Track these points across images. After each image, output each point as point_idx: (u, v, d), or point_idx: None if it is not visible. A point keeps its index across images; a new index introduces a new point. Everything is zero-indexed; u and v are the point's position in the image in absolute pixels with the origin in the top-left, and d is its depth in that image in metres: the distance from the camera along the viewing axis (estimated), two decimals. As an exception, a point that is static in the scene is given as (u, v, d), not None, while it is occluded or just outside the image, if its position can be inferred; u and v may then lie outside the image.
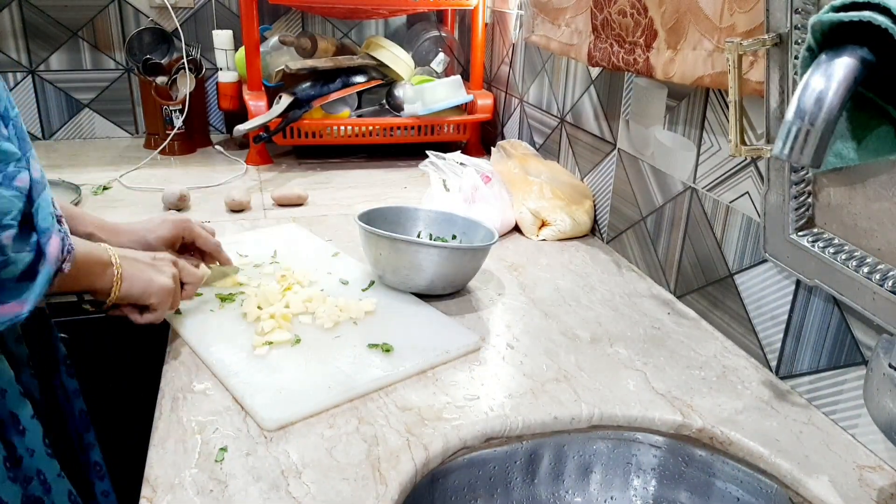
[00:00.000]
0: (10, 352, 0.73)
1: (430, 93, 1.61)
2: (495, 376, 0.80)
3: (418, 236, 1.09)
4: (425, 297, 0.97)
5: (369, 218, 1.04)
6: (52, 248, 0.63)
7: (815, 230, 0.72)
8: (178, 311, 0.88)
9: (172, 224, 0.93)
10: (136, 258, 0.79)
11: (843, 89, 0.44)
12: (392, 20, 1.95)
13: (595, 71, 1.24)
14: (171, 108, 1.67)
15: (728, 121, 0.73)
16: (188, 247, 0.96)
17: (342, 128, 1.61)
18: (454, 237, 1.09)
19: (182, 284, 0.84)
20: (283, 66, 1.57)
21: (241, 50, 1.70)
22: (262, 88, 1.61)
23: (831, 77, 0.44)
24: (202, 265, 0.96)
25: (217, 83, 1.77)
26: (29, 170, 0.63)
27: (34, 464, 0.71)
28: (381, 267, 0.98)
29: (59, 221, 0.66)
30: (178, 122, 1.68)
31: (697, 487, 0.75)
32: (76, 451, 0.85)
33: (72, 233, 0.84)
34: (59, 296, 0.81)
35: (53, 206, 0.66)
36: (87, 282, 0.73)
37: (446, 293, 0.99)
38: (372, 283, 1.00)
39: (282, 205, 1.35)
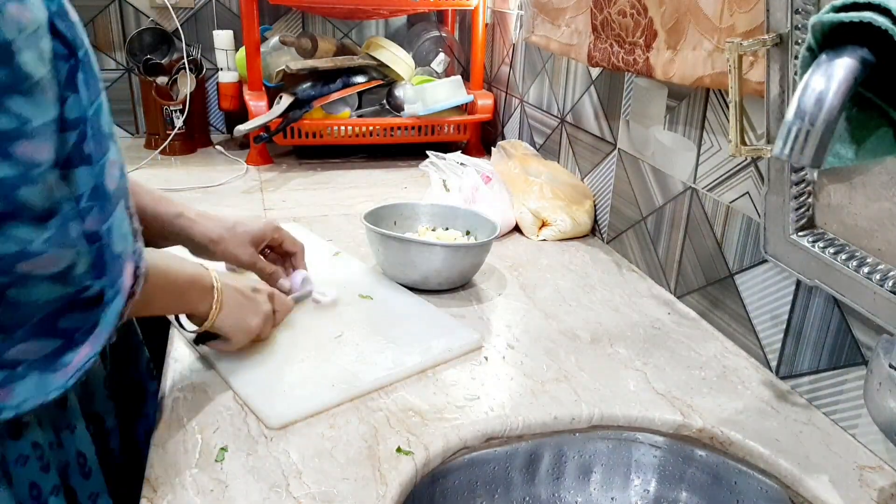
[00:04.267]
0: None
1: (430, 93, 1.61)
2: (495, 376, 0.80)
3: (417, 231, 1.10)
4: (427, 296, 0.97)
5: (377, 216, 1.05)
6: (126, 277, 0.57)
7: (816, 230, 0.72)
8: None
9: (263, 223, 0.90)
10: (238, 288, 0.76)
11: (844, 89, 0.44)
12: (392, 20, 1.95)
13: (595, 71, 1.24)
14: (171, 108, 1.67)
15: (728, 121, 0.73)
16: (271, 248, 0.94)
17: (342, 128, 1.62)
18: (468, 233, 1.09)
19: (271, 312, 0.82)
20: (283, 67, 1.57)
21: (242, 50, 1.70)
22: (263, 89, 1.61)
23: (831, 77, 0.44)
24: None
25: (217, 83, 1.77)
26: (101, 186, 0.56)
27: None
28: (384, 264, 1.00)
29: (135, 236, 0.60)
30: (179, 123, 1.68)
31: (697, 487, 0.75)
32: (143, 450, 0.85)
33: (160, 214, 0.82)
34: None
35: (130, 217, 0.59)
36: (185, 305, 0.72)
37: (453, 287, 1.01)
38: (373, 282, 1.00)
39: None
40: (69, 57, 0.53)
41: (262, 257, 0.91)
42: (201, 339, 0.78)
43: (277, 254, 0.95)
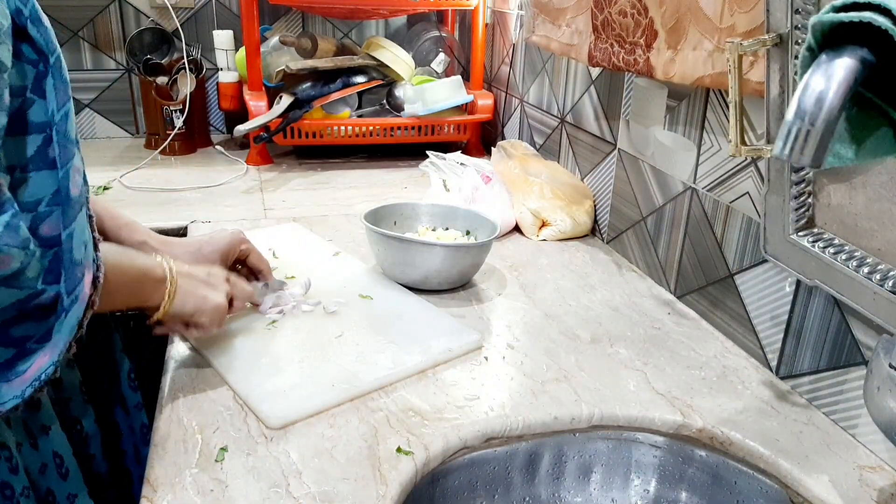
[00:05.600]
0: (57, 380, 0.69)
1: (430, 93, 1.61)
2: (495, 376, 0.80)
3: (415, 230, 1.10)
4: (427, 296, 0.97)
5: (377, 216, 1.05)
6: (86, 285, 0.56)
7: (816, 230, 0.72)
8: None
9: (229, 235, 0.89)
10: (192, 274, 0.75)
11: (844, 89, 0.44)
12: (392, 20, 1.95)
13: (595, 71, 1.24)
14: (171, 108, 1.67)
15: (728, 121, 0.73)
16: (239, 262, 0.92)
17: (342, 128, 1.62)
18: (468, 233, 1.09)
19: (230, 299, 0.80)
20: (283, 67, 1.57)
21: (242, 50, 1.70)
22: (263, 88, 1.61)
23: (831, 77, 0.44)
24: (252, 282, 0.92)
25: (217, 83, 1.77)
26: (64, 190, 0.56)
27: None
28: (384, 264, 1.00)
29: (94, 245, 0.60)
30: (179, 123, 1.68)
31: (697, 487, 0.75)
32: (129, 465, 0.84)
33: (123, 241, 0.80)
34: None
35: (91, 226, 0.60)
36: (140, 299, 0.70)
37: (453, 287, 1.01)
38: (373, 282, 1.00)
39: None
40: (38, 62, 0.54)
41: (233, 274, 0.88)
42: (158, 326, 0.75)
43: (245, 267, 0.92)
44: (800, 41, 0.64)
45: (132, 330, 0.93)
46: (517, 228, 1.27)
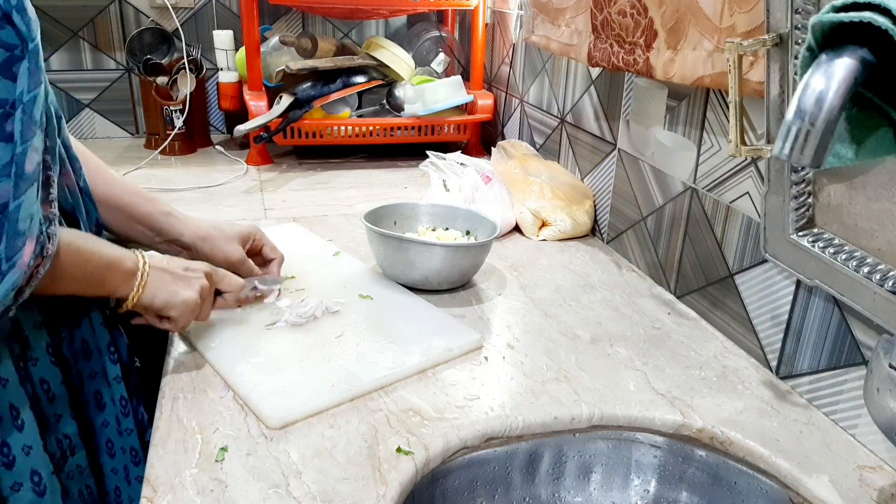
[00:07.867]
0: (24, 337, 0.72)
1: (430, 93, 1.61)
2: (495, 376, 0.80)
3: (414, 230, 1.10)
4: (427, 296, 0.97)
5: (377, 216, 1.05)
6: (25, 254, 0.60)
7: (816, 230, 0.72)
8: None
9: (247, 223, 0.94)
10: (167, 268, 0.77)
11: (844, 89, 0.44)
12: (392, 20, 1.95)
13: (595, 71, 1.24)
14: (171, 108, 1.67)
15: (728, 121, 0.73)
16: (254, 252, 0.96)
17: (342, 128, 1.62)
18: (468, 233, 1.09)
19: (221, 293, 0.84)
20: (283, 67, 1.57)
21: (242, 50, 1.70)
22: (263, 88, 1.61)
23: (831, 77, 0.44)
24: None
25: (217, 83, 1.77)
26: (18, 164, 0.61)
27: (29, 463, 0.70)
28: (384, 264, 1.00)
29: (51, 221, 0.64)
30: (179, 123, 1.68)
31: (697, 487, 0.75)
32: (111, 436, 0.84)
33: (151, 213, 0.88)
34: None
35: (50, 202, 0.64)
36: (105, 289, 0.73)
37: (453, 287, 1.01)
38: (373, 282, 1.00)
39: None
40: (15, 47, 0.59)
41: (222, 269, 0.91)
42: (124, 317, 0.80)
43: (260, 256, 0.97)
44: (800, 41, 0.64)
45: (132, 327, 0.92)
46: (517, 228, 1.27)
